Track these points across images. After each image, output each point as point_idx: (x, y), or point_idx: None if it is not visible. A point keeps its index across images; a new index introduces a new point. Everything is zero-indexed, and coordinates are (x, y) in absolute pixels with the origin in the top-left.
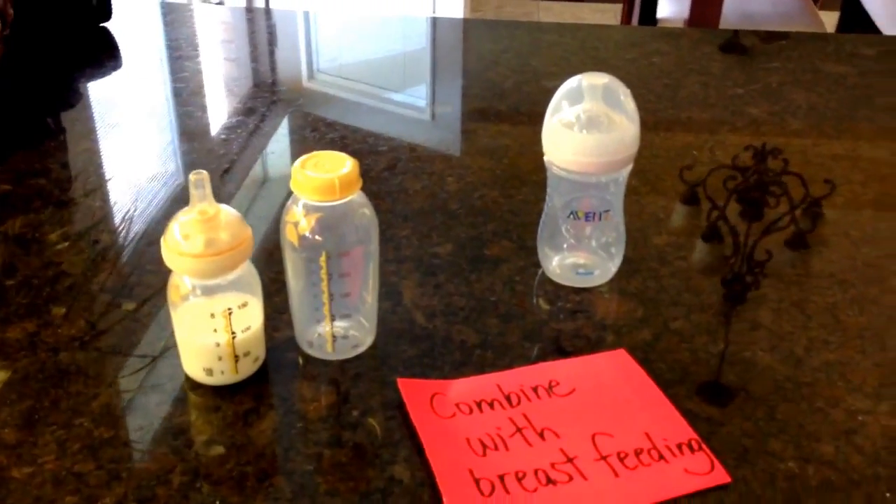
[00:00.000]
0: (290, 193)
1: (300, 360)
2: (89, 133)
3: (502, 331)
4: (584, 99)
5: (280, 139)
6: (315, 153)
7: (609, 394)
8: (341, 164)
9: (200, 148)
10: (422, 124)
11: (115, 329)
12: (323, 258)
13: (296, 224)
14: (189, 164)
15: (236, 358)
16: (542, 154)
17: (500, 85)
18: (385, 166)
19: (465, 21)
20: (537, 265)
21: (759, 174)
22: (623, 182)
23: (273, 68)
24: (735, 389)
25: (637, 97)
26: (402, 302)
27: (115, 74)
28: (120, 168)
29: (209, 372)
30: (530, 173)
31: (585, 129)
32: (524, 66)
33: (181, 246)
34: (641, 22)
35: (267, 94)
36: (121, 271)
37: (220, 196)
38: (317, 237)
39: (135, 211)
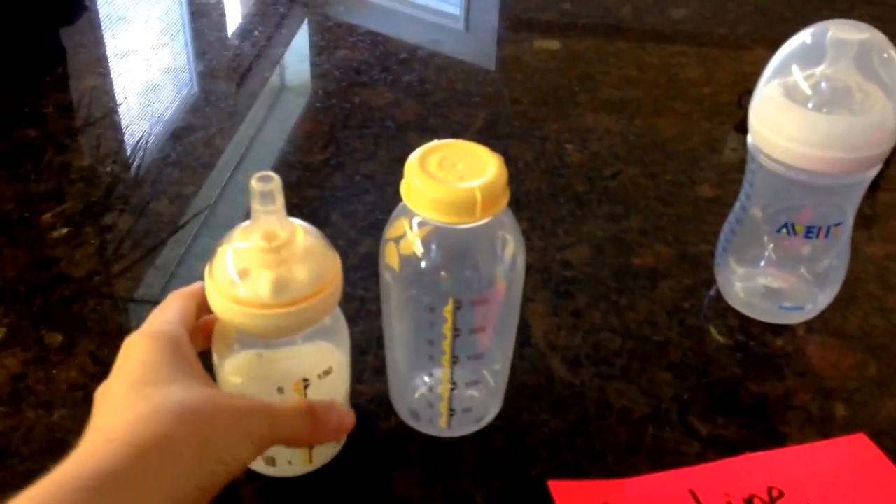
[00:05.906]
0: (397, 199)
1: (396, 432)
2: (94, 64)
3: (679, 393)
4: (827, 60)
5: (300, 46)
6: (439, 143)
7: None
8: (482, 166)
9: (214, 55)
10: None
11: None
12: (449, 307)
13: (398, 241)
14: (203, 76)
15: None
16: (687, 113)
17: (615, 12)
18: (482, 124)
19: None
20: (708, 283)
21: None
22: (865, 186)
23: None
24: None
25: None
26: (532, 339)
27: None
28: (131, 98)
29: (271, 462)
30: (676, 142)
31: (827, 106)
32: None
33: (236, 288)
34: None
35: None
36: (140, 270)
37: (238, 107)
38: (442, 273)
39: (147, 143)
